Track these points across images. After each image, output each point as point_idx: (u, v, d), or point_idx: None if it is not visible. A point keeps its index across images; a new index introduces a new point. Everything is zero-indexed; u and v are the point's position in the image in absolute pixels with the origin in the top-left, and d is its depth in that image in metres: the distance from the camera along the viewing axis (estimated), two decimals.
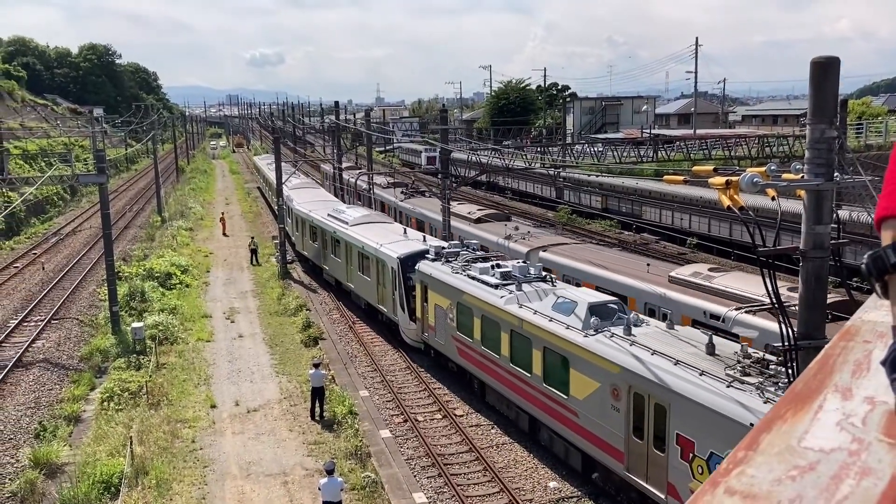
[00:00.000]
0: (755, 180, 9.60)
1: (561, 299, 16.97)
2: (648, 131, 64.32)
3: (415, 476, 16.65)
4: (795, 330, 9.82)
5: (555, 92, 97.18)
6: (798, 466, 0.91)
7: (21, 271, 37.25)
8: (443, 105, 77.17)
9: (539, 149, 58.97)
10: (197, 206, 58.50)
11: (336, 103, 61.68)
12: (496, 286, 19.19)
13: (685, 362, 13.08)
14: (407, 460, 17.39)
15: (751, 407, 11.32)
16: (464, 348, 20.55)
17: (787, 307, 9.97)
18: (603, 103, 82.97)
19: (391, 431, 18.91)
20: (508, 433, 18.52)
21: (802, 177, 10.07)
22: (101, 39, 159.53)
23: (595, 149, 49.91)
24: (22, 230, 48.62)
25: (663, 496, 13.10)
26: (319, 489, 14.69)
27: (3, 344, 25.60)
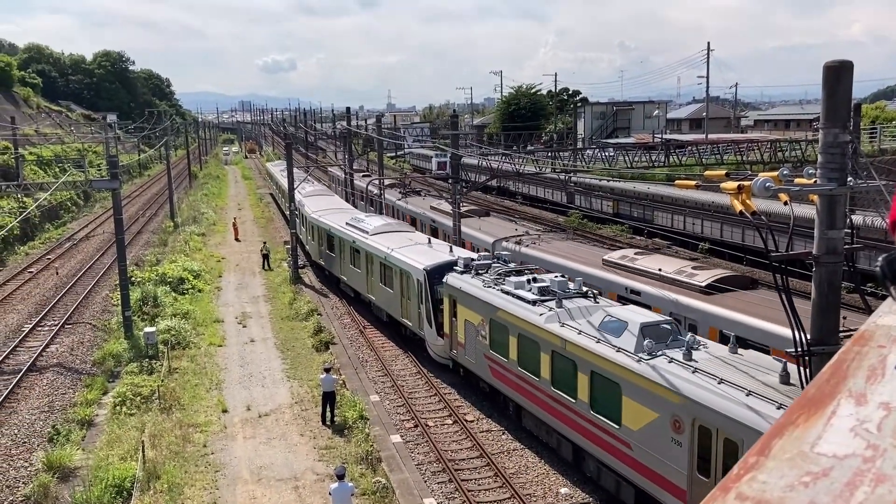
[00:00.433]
0: (767, 185, 9.56)
1: (609, 318, 15.73)
2: (660, 136, 64.05)
3: (425, 481, 16.62)
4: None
5: (566, 97, 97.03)
6: (811, 472, 0.89)
7: (35, 276, 37.53)
8: (454, 110, 77.23)
9: (549, 153, 58.89)
10: (209, 212, 58.80)
11: (347, 109, 61.86)
12: (534, 302, 17.96)
13: (758, 393, 11.91)
14: (417, 465, 17.36)
15: None
16: (498, 368, 19.31)
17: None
18: (614, 108, 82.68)
19: (402, 436, 18.89)
20: (519, 439, 18.46)
21: (815, 181, 10.01)
22: (115, 46, 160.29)
23: (606, 153, 49.79)
24: (36, 235, 48.99)
25: None
26: (330, 494, 14.68)
27: (18, 348, 25.78)
